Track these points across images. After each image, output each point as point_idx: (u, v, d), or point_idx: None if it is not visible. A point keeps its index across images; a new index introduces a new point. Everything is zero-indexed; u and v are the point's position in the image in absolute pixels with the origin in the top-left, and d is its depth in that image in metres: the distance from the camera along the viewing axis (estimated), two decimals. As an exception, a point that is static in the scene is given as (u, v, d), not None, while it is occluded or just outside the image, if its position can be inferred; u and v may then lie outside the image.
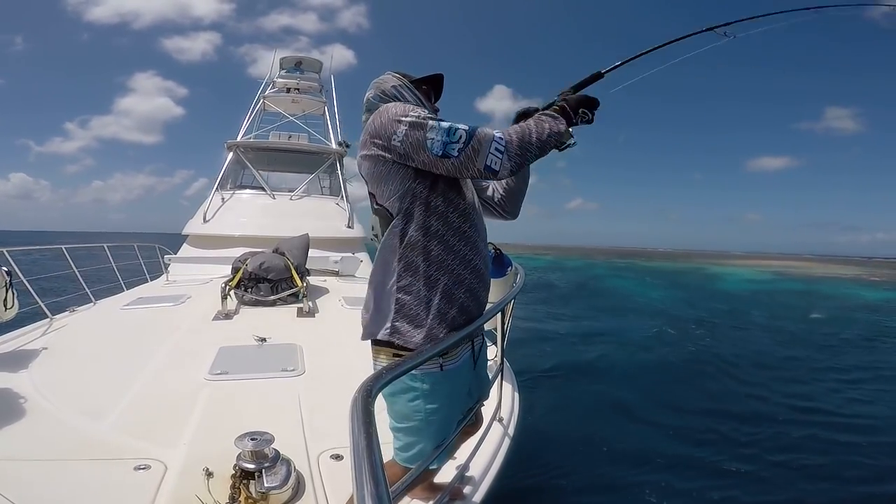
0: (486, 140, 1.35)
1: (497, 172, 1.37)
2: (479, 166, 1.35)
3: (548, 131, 1.41)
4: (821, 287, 28.88)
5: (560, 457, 4.52)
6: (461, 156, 1.35)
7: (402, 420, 1.47)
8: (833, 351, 9.95)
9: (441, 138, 1.35)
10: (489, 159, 1.35)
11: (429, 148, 1.36)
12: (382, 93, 1.59)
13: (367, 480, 0.69)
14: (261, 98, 10.23)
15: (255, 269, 4.86)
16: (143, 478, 1.84)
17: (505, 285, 2.96)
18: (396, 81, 1.61)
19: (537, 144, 1.40)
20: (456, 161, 1.36)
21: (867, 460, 4.71)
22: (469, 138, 1.35)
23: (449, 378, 1.45)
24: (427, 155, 1.37)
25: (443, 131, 1.36)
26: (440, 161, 1.36)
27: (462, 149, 1.35)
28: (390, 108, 1.44)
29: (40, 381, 2.82)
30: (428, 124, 1.37)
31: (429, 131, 1.36)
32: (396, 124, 1.39)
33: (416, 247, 1.44)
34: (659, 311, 15.85)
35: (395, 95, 1.58)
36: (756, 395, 6.70)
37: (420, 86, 1.65)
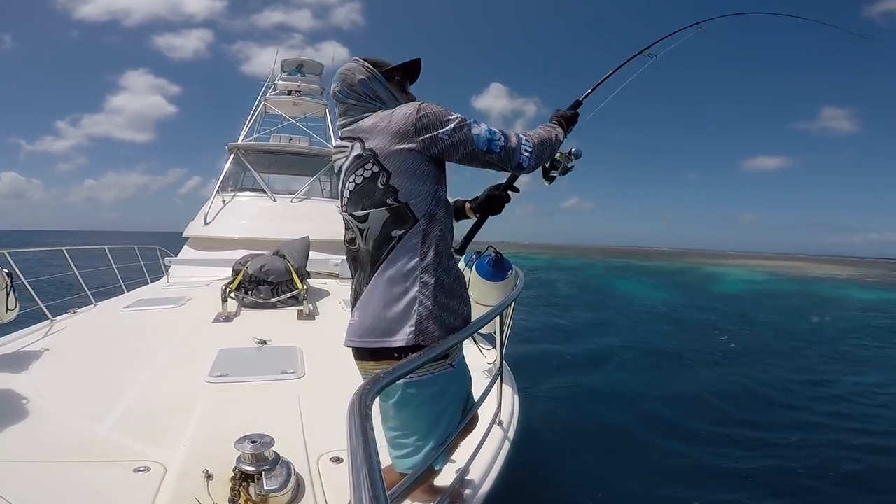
0: (518, 142, 1.54)
1: (525, 168, 1.57)
2: (514, 162, 1.54)
3: (555, 138, 1.70)
4: (819, 288, 29.05)
5: (560, 459, 4.52)
6: (502, 152, 1.51)
7: (408, 427, 1.46)
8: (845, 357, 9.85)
9: (485, 137, 1.48)
10: (521, 157, 1.54)
11: (475, 143, 1.47)
12: (350, 87, 1.56)
13: (365, 484, 0.69)
14: (262, 100, 10.24)
15: (256, 272, 4.87)
16: (143, 480, 1.84)
17: (505, 288, 2.96)
18: (365, 73, 1.56)
19: (550, 148, 1.68)
20: (496, 156, 1.51)
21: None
22: (507, 139, 1.51)
23: (458, 375, 1.50)
24: (473, 149, 1.48)
25: (486, 132, 1.49)
26: (484, 154, 1.49)
27: (503, 146, 1.50)
28: (429, 106, 1.47)
29: (41, 382, 2.82)
30: (471, 124, 1.48)
31: (473, 129, 1.48)
32: (445, 119, 1.46)
33: (437, 248, 1.48)
34: (660, 313, 15.88)
35: (366, 92, 1.55)
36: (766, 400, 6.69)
37: (392, 76, 1.61)
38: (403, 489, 1.33)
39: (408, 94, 1.65)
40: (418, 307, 1.43)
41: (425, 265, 1.46)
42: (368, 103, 1.55)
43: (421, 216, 1.47)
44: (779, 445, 5.07)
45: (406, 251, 1.47)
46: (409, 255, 1.47)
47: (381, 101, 1.56)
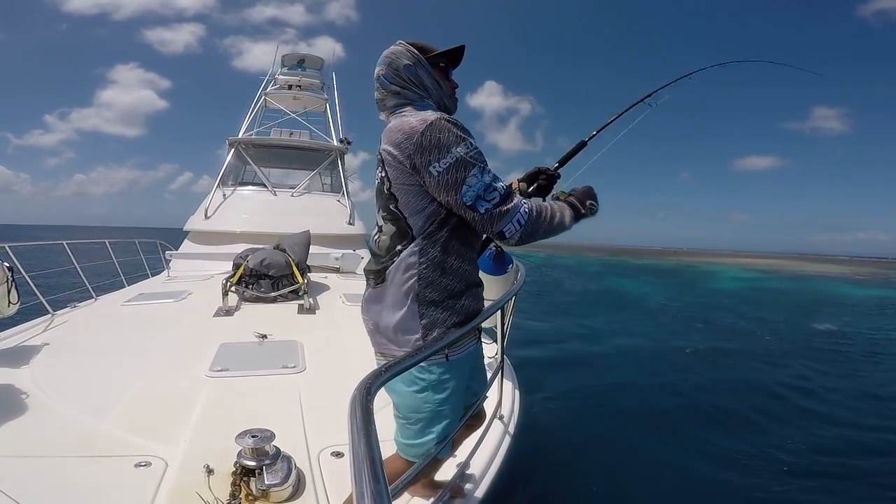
0: (513, 209, 1.38)
1: (507, 240, 1.41)
2: (496, 229, 1.38)
3: (558, 220, 1.47)
4: (815, 286, 29.25)
5: (560, 454, 4.52)
6: (486, 214, 1.36)
7: (411, 413, 1.46)
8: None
9: (476, 190, 1.35)
10: (507, 227, 1.38)
11: (461, 194, 1.34)
12: (395, 71, 1.50)
13: (367, 478, 0.69)
14: (262, 95, 10.23)
15: (257, 266, 4.87)
16: (144, 474, 1.84)
17: (506, 283, 2.96)
18: (410, 59, 1.50)
19: (547, 229, 1.45)
20: (478, 216, 1.37)
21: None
22: (500, 202, 1.37)
23: (454, 368, 1.45)
24: (455, 198, 1.35)
25: (482, 185, 1.35)
26: (464, 209, 1.36)
27: (490, 209, 1.36)
28: (442, 128, 1.36)
29: (41, 377, 2.82)
30: (472, 171, 1.35)
31: (469, 178, 1.34)
32: (444, 153, 1.34)
33: (435, 264, 1.42)
34: (659, 308, 15.92)
35: (411, 77, 1.49)
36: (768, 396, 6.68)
37: (437, 62, 1.55)
38: (405, 482, 1.33)
39: (450, 80, 1.60)
40: (422, 330, 1.43)
41: (425, 282, 1.42)
42: (411, 90, 1.50)
43: (418, 234, 1.42)
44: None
45: (405, 268, 1.43)
46: (407, 273, 1.43)
47: (425, 88, 1.51)
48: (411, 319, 1.43)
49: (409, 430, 1.47)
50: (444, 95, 1.56)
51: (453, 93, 1.60)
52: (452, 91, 1.60)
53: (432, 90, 1.52)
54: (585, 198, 1.56)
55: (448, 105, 1.57)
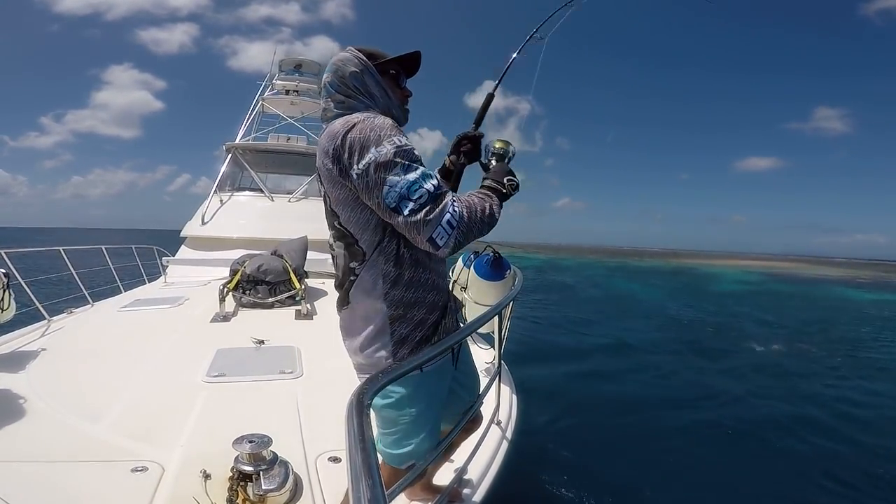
0: (440, 212, 1.25)
1: (439, 248, 1.27)
2: (424, 236, 1.25)
3: (488, 212, 1.36)
4: (823, 290, 29.08)
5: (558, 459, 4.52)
6: (411, 217, 1.24)
7: (389, 426, 1.44)
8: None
9: (400, 190, 1.23)
10: (437, 232, 1.25)
11: (383, 195, 1.24)
12: (341, 79, 1.41)
13: (364, 483, 0.69)
14: (259, 100, 10.24)
15: (254, 272, 4.86)
16: (141, 480, 1.83)
17: (504, 288, 2.96)
18: (357, 66, 1.41)
19: (480, 227, 1.34)
20: (402, 220, 1.25)
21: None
22: (428, 202, 1.24)
23: (429, 379, 1.40)
24: (377, 201, 1.25)
25: (405, 184, 1.23)
26: (388, 212, 1.26)
27: (416, 210, 1.24)
28: (364, 128, 1.27)
29: (37, 382, 2.81)
30: (394, 170, 1.24)
31: (391, 175, 1.23)
32: (363, 152, 1.25)
33: (397, 280, 1.36)
34: (661, 311, 15.92)
35: (356, 85, 1.41)
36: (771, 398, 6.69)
37: (387, 69, 1.46)
38: (402, 487, 1.33)
39: (403, 89, 1.52)
40: (392, 346, 1.39)
41: (389, 301, 1.37)
42: (357, 99, 1.41)
43: (369, 250, 1.36)
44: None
45: (363, 291, 1.39)
46: (368, 296, 1.39)
47: (372, 97, 1.43)
48: (380, 339, 1.39)
49: (389, 439, 1.45)
50: (392, 105, 1.47)
51: (404, 102, 1.53)
52: (404, 100, 1.52)
53: (379, 99, 1.44)
54: (504, 175, 1.47)
55: (397, 116, 1.46)
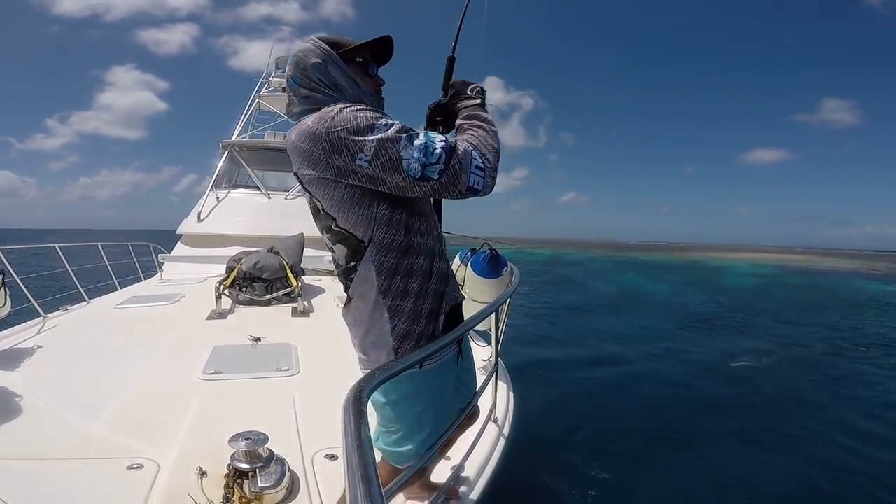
0: (465, 158, 1.22)
1: (480, 191, 1.26)
2: (462, 188, 1.22)
3: (491, 129, 1.34)
4: (837, 282, 28.88)
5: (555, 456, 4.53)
6: (443, 178, 1.20)
7: (390, 424, 1.42)
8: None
9: (419, 158, 1.18)
10: (472, 179, 1.23)
11: (405, 170, 1.19)
12: (303, 72, 1.34)
13: (360, 481, 0.69)
14: (256, 97, 10.21)
15: (250, 269, 4.86)
16: (136, 477, 1.83)
17: (501, 285, 2.96)
18: (319, 56, 1.33)
19: (496, 147, 1.31)
20: (437, 184, 1.21)
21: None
22: (448, 157, 1.20)
23: (430, 377, 1.37)
24: (402, 177, 1.20)
25: (420, 149, 1.19)
26: (418, 184, 1.20)
27: (444, 170, 1.20)
28: (347, 117, 1.20)
29: (33, 379, 2.80)
30: (401, 143, 1.18)
31: (402, 150, 1.18)
32: (361, 140, 1.19)
33: (394, 270, 1.32)
34: (678, 307, 15.80)
35: (320, 77, 1.33)
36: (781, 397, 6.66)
37: (353, 57, 1.38)
38: (399, 485, 1.33)
39: (374, 78, 1.43)
40: (393, 342, 1.35)
41: (386, 293, 1.33)
42: (322, 92, 1.33)
43: (368, 243, 1.31)
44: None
45: (364, 285, 1.35)
46: (366, 288, 1.35)
47: (339, 89, 1.34)
48: (381, 335, 1.36)
49: (391, 438, 1.43)
50: (363, 94, 1.37)
51: (378, 91, 1.45)
52: (376, 89, 1.44)
53: (347, 90, 1.35)
54: (466, 89, 1.43)
55: (370, 105, 1.34)
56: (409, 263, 1.34)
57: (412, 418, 1.40)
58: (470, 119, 1.38)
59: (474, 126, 1.35)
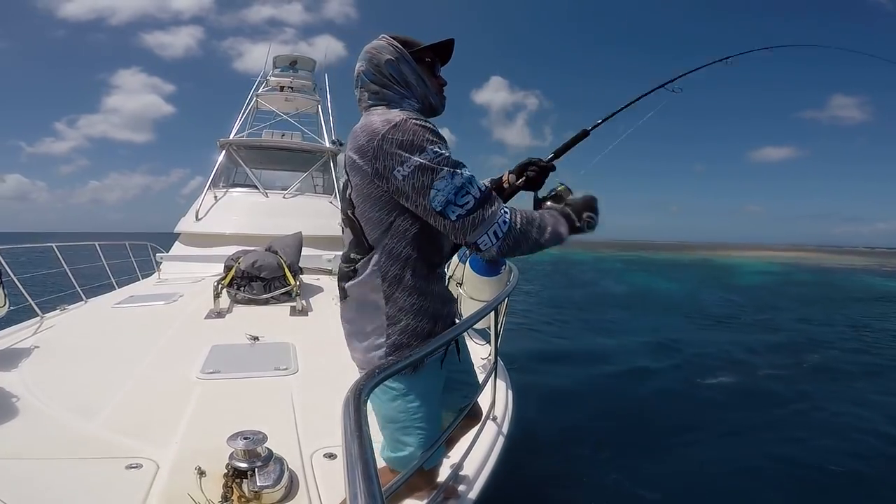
0: (489, 218, 1.22)
1: (482, 252, 1.25)
2: (470, 240, 1.23)
3: (549, 234, 1.29)
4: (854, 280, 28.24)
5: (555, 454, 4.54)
6: (458, 222, 1.21)
7: (388, 423, 1.43)
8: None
9: (446, 195, 1.21)
10: (482, 238, 1.22)
11: (430, 198, 1.21)
12: (377, 68, 1.39)
13: (360, 480, 0.69)
14: (254, 96, 10.21)
15: (248, 268, 4.85)
16: (135, 476, 1.82)
17: (499, 284, 2.96)
18: (393, 54, 1.39)
19: (532, 245, 1.28)
20: (449, 224, 1.22)
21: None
22: (475, 208, 1.21)
23: (420, 377, 1.38)
24: (425, 203, 1.22)
25: (452, 189, 1.21)
26: (434, 216, 1.23)
27: (463, 216, 1.21)
28: (407, 129, 1.24)
29: (31, 379, 2.79)
30: (441, 172, 1.21)
31: (438, 180, 1.21)
32: (408, 156, 1.22)
33: (398, 282, 1.35)
34: (693, 307, 15.38)
35: (392, 74, 1.39)
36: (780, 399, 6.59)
37: (422, 57, 1.44)
38: (399, 485, 1.32)
39: (438, 77, 1.49)
40: (386, 348, 1.37)
41: (388, 300, 1.35)
42: (392, 89, 1.39)
43: (375, 246, 1.34)
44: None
45: (363, 287, 1.37)
46: (370, 293, 1.37)
47: (408, 85, 1.41)
48: (376, 338, 1.38)
49: (390, 441, 1.44)
50: (429, 93, 1.45)
51: (440, 90, 1.50)
52: (440, 88, 1.49)
53: (416, 87, 1.42)
54: (584, 209, 1.36)
55: (434, 103, 1.46)
56: (417, 281, 1.36)
57: (409, 415, 1.40)
58: (557, 215, 1.34)
59: (551, 218, 1.32)
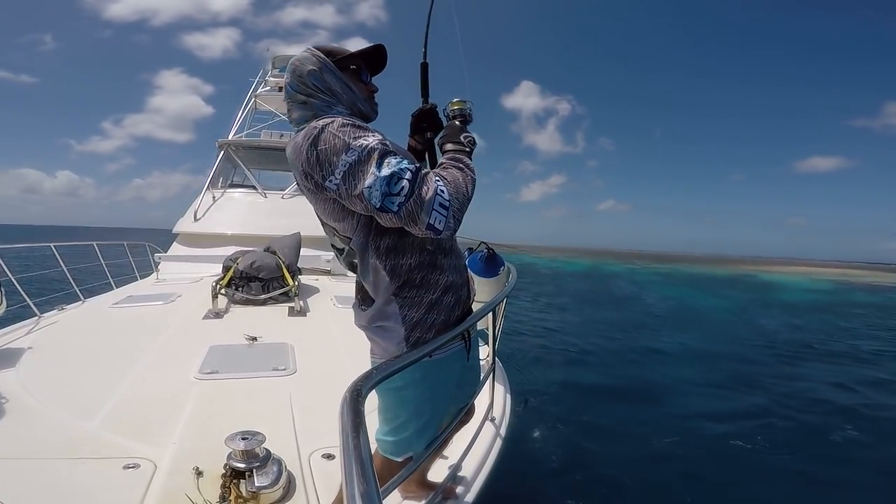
0: (430, 194, 1.22)
1: (440, 232, 1.24)
2: (422, 225, 1.22)
3: (470, 176, 1.35)
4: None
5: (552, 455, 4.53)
6: (401, 211, 1.20)
7: (390, 411, 1.45)
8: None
9: (380, 188, 1.19)
10: (433, 217, 1.22)
11: (367, 198, 1.20)
12: (300, 79, 1.39)
13: (357, 479, 0.69)
14: (253, 97, 10.21)
15: (246, 268, 4.85)
16: (133, 477, 1.82)
17: (497, 285, 2.97)
18: (315, 64, 1.40)
19: (469, 196, 1.32)
20: (394, 217, 1.22)
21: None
22: (412, 191, 1.20)
23: (437, 367, 1.40)
24: (365, 204, 1.22)
25: (383, 180, 1.19)
26: (378, 213, 1.23)
27: (403, 203, 1.20)
28: (326, 137, 1.24)
29: (28, 379, 2.79)
30: (368, 170, 1.20)
31: (367, 176, 1.20)
32: (334, 162, 1.22)
33: (398, 271, 1.36)
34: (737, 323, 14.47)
35: (315, 84, 1.39)
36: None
37: (347, 65, 1.44)
38: (396, 484, 1.33)
39: (367, 84, 1.49)
40: (404, 331, 1.39)
41: (397, 294, 1.38)
42: (318, 98, 1.39)
43: (362, 250, 1.38)
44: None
45: (373, 290, 1.41)
46: (378, 290, 1.40)
47: (334, 94, 1.40)
48: (393, 326, 1.40)
49: (388, 427, 1.45)
50: (357, 100, 1.44)
51: (370, 96, 1.50)
52: (369, 94, 1.49)
53: (342, 95, 1.41)
54: (458, 135, 1.43)
55: (363, 109, 1.46)
56: (411, 262, 1.38)
57: (415, 406, 1.42)
58: (454, 160, 1.39)
59: (456, 167, 1.36)
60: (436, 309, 1.40)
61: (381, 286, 1.39)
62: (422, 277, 1.39)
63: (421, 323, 1.39)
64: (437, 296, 1.41)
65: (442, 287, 1.42)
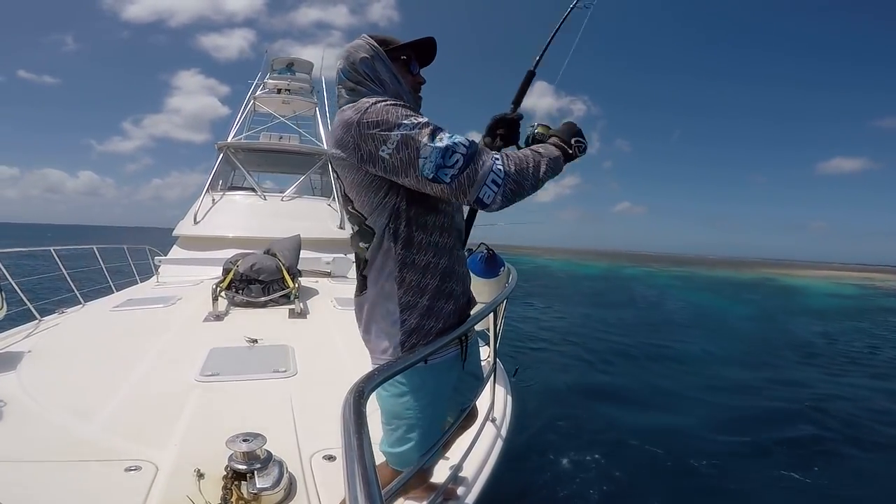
0: (483, 169, 1.24)
1: (488, 206, 1.27)
2: (471, 197, 1.25)
3: (545, 166, 1.33)
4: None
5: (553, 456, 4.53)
6: (454, 183, 1.23)
7: (392, 419, 1.44)
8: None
9: (434, 160, 1.22)
10: (482, 191, 1.24)
11: (420, 168, 1.23)
12: (352, 65, 1.41)
13: (359, 481, 0.69)
14: (251, 99, 10.21)
15: (247, 270, 4.85)
16: (134, 479, 1.82)
17: (497, 286, 2.97)
18: (368, 52, 1.41)
19: (533, 182, 1.31)
20: (446, 188, 1.24)
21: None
22: (466, 164, 1.23)
23: (433, 372, 1.41)
24: (416, 176, 1.24)
25: (438, 152, 1.22)
26: (429, 184, 1.24)
27: (456, 175, 1.22)
28: (379, 111, 1.27)
29: (29, 382, 2.79)
30: (422, 141, 1.22)
31: (422, 148, 1.22)
32: (387, 134, 1.24)
33: (408, 264, 1.38)
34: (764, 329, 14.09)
35: (366, 72, 1.40)
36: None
37: (398, 55, 1.46)
38: (398, 486, 1.33)
39: (415, 76, 1.51)
40: (401, 335, 1.40)
41: (399, 284, 1.39)
42: (366, 86, 1.41)
43: (381, 234, 1.38)
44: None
45: (379, 273, 1.41)
46: (381, 277, 1.41)
47: (382, 84, 1.42)
48: (390, 326, 1.41)
49: (392, 437, 1.45)
50: (402, 91, 1.45)
51: (416, 88, 1.51)
52: (416, 87, 1.51)
53: (389, 85, 1.43)
54: (570, 136, 1.43)
55: (407, 102, 1.43)
56: (422, 259, 1.39)
57: (416, 412, 1.41)
58: (545, 148, 1.38)
59: (536, 151, 1.35)
60: (433, 315, 1.41)
61: (385, 270, 1.40)
62: (429, 275, 1.41)
63: (417, 329, 1.40)
64: (436, 296, 1.42)
65: (446, 294, 1.43)
